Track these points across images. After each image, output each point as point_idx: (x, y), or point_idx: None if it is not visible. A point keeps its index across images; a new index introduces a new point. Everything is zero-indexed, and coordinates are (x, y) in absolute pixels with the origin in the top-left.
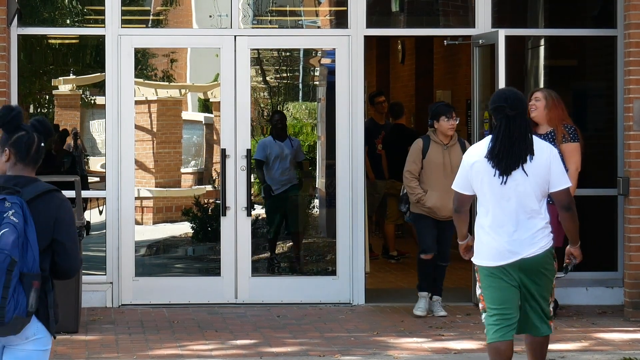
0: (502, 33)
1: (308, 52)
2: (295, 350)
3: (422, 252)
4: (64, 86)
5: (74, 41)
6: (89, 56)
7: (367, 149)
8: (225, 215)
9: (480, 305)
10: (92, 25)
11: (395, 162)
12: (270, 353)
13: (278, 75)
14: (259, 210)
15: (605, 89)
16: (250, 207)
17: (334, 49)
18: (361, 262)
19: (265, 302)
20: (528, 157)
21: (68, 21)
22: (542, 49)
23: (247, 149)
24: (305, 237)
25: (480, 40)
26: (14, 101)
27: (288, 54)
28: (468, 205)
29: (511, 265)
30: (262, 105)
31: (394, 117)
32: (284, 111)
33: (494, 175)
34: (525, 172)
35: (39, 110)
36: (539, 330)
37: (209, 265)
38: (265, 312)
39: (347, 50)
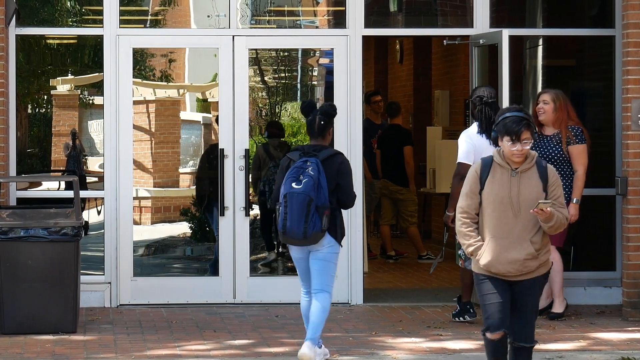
0: (506, 33)
1: (306, 52)
2: (294, 350)
3: (486, 330)
4: (62, 86)
5: (72, 41)
6: (87, 56)
7: (363, 149)
8: (223, 215)
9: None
10: (91, 26)
11: (390, 162)
12: (269, 353)
13: (276, 75)
14: (257, 210)
15: (604, 88)
16: (248, 207)
17: (332, 49)
18: (359, 262)
19: (264, 302)
20: None
21: (66, 21)
22: (540, 49)
23: (246, 149)
24: None
25: (481, 40)
26: (12, 101)
27: (286, 54)
28: None
29: None
30: (260, 106)
31: (391, 116)
32: (282, 111)
33: (490, 145)
34: None
35: (37, 110)
36: None
37: (207, 265)
38: (263, 312)
39: (345, 50)
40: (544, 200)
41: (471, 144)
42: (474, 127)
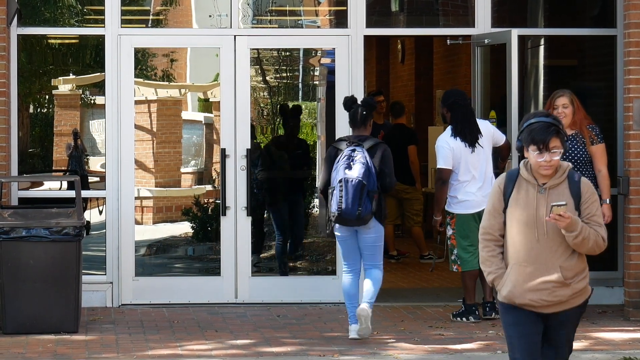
0: (515, 33)
1: (308, 52)
2: (295, 350)
3: None
4: (64, 86)
5: (73, 41)
6: (89, 56)
7: None
8: (225, 215)
9: (450, 242)
10: (92, 25)
11: (395, 162)
12: (270, 353)
13: (278, 75)
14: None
15: (605, 88)
16: (250, 206)
17: (334, 48)
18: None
19: (265, 302)
20: (479, 135)
21: (68, 21)
22: (541, 49)
23: (247, 149)
24: (305, 237)
25: (486, 40)
26: (14, 101)
27: (288, 53)
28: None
29: (480, 212)
30: (262, 105)
31: (395, 116)
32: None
33: (466, 147)
34: (481, 145)
35: (38, 110)
36: None
37: (209, 265)
38: (265, 312)
39: (346, 50)
40: (559, 203)
41: (448, 148)
42: (449, 130)
